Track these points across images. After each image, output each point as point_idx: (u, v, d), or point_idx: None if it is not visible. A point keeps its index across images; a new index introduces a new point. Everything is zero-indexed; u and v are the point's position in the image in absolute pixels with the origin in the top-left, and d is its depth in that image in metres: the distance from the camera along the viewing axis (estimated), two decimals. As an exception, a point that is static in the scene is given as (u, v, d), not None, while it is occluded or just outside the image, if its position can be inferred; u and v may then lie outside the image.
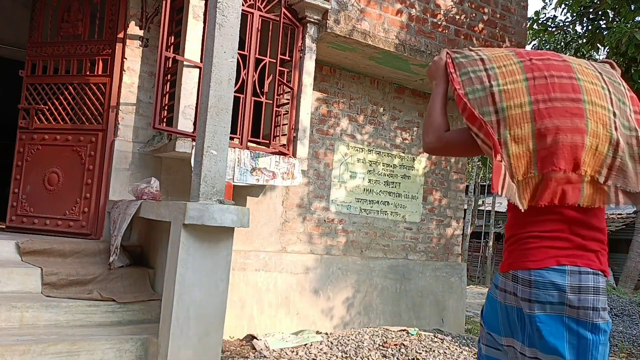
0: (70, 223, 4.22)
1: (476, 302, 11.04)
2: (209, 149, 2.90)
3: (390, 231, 5.58)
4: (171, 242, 2.94)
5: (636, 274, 14.18)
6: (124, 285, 3.53)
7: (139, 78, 4.32)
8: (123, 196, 4.13)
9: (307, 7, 4.34)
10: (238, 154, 4.01)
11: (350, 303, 5.21)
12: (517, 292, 1.59)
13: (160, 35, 3.89)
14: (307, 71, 4.44)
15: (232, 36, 2.96)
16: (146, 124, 4.31)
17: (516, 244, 1.61)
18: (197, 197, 2.88)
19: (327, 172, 5.20)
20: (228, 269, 2.98)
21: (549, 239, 1.55)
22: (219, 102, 2.93)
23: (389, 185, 5.61)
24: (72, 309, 3.18)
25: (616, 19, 5.89)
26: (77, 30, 4.41)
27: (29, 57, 4.49)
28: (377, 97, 5.53)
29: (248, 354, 3.58)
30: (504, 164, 1.46)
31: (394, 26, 4.79)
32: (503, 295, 1.66)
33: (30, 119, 4.39)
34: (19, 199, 4.35)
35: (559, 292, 1.52)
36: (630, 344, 6.82)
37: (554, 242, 1.54)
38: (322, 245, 5.16)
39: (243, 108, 4.08)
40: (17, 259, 3.52)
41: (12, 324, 2.98)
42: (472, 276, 17.44)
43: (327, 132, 5.21)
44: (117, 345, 2.94)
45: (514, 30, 5.61)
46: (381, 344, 3.84)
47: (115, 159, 4.19)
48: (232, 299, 4.42)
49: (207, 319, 2.90)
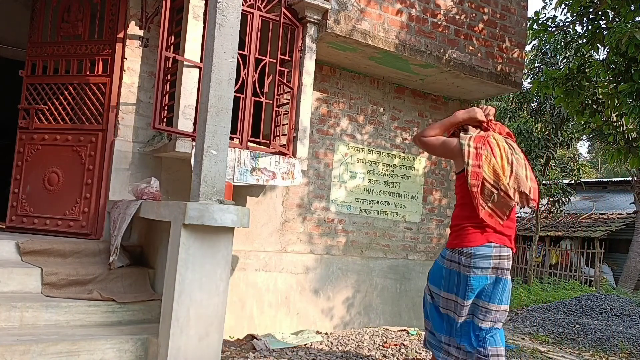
0: (70, 223, 4.22)
1: (476, 302, 11.04)
2: (209, 149, 2.90)
3: (390, 231, 5.58)
4: (171, 242, 2.94)
5: (636, 274, 14.18)
6: (124, 285, 3.53)
7: (139, 78, 4.32)
8: (123, 196, 4.13)
9: (307, 7, 4.34)
10: (238, 154, 4.01)
11: (350, 303, 5.21)
12: (460, 261, 2.78)
13: (160, 35, 3.88)
14: (307, 71, 4.44)
15: (232, 36, 2.96)
16: (146, 124, 4.31)
17: (461, 231, 2.83)
18: (197, 197, 2.88)
19: (327, 172, 5.21)
20: (228, 269, 2.98)
21: (481, 228, 2.79)
22: (219, 102, 2.93)
23: (389, 185, 5.61)
24: (72, 309, 3.18)
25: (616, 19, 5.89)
26: (77, 30, 4.41)
27: (29, 57, 4.49)
28: (377, 97, 5.53)
29: (248, 354, 3.58)
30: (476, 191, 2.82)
31: (394, 26, 4.79)
32: (449, 263, 2.84)
33: (30, 119, 4.39)
34: (19, 199, 4.35)
35: (488, 260, 2.74)
36: (630, 344, 6.82)
37: (484, 230, 2.78)
38: (322, 245, 5.16)
39: (243, 108, 4.07)
40: (17, 259, 3.52)
41: (12, 324, 2.97)
42: (472, 276, 17.42)
43: (327, 132, 5.21)
44: (117, 345, 2.94)
45: (514, 30, 5.61)
46: (381, 344, 3.84)
47: (115, 159, 4.19)
48: (232, 299, 4.42)
49: (207, 319, 2.90)
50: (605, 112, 6.44)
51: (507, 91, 5.82)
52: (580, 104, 6.37)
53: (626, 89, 5.44)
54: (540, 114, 13.99)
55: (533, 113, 14.29)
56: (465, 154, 2.83)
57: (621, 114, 6.10)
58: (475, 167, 2.79)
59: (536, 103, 14.24)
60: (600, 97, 6.33)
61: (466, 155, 2.83)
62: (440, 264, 2.95)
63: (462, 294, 2.80)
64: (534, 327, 8.05)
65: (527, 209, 15.70)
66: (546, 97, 12.93)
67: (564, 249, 15.97)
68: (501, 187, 2.77)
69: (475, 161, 2.81)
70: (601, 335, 7.21)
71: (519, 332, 7.74)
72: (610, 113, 6.41)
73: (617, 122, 6.64)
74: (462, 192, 2.89)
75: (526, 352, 4.61)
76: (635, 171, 14.07)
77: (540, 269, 16.03)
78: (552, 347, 6.73)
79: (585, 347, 6.82)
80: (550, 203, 15.38)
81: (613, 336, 7.11)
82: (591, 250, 15.18)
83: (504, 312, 2.86)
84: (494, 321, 2.83)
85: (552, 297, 10.41)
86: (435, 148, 3.13)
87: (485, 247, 2.76)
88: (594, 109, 6.44)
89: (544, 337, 7.27)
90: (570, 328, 7.70)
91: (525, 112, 15.17)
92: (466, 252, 2.77)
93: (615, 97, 5.78)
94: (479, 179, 2.77)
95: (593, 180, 22.00)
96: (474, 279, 2.77)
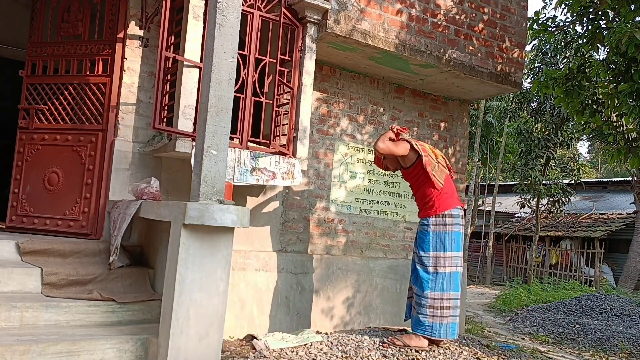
0: (70, 223, 4.22)
1: (476, 302, 11.05)
2: (209, 149, 2.90)
3: (390, 231, 5.58)
4: (171, 242, 2.94)
5: (636, 274, 14.17)
6: (124, 285, 3.53)
7: (139, 78, 4.32)
8: (123, 196, 4.13)
9: (307, 7, 4.34)
10: (238, 154, 4.01)
11: (350, 303, 5.21)
12: (453, 222, 3.88)
13: (160, 35, 3.88)
14: (307, 71, 4.44)
15: (232, 36, 2.97)
16: (146, 124, 4.31)
17: (441, 200, 3.88)
18: (197, 197, 2.88)
19: (327, 172, 5.21)
20: (228, 269, 2.98)
21: (451, 196, 3.96)
22: (219, 102, 2.93)
23: (389, 185, 5.61)
24: (72, 309, 3.18)
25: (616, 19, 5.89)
26: (77, 30, 4.41)
27: (29, 57, 4.49)
28: (377, 97, 5.53)
29: (248, 354, 3.58)
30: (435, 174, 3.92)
31: (394, 26, 4.79)
32: (443, 228, 3.86)
33: (30, 119, 4.39)
34: (19, 199, 4.35)
35: (460, 218, 3.92)
36: (630, 344, 6.82)
37: (447, 197, 3.91)
38: (322, 245, 5.16)
39: (243, 108, 4.07)
40: (17, 259, 3.52)
41: (12, 324, 2.98)
42: (472, 276, 17.44)
43: (327, 132, 5.21)
44: (117, 345, 2.95)
45: (514, 30, 5.61)
46: (381, 344, 3.84)
47: (115, 159, 4.19)
48: (232, 299, 4.42)
49: (207, 319, 2.90)
50: (605, 112, 6.44)
51: (507, 91, 5.82)
52: (580, 104, 6.37)
53: (626, 89, 5.44)
54: (540, 114, 14.00)
55: (533, 113, 14.30)
56: (419, 150, 3.94)
57: (621, 114, 6.10)
58: (426, 155, 3.92)
59: (536, 103, 14.25)
60: (600, 97, 6.34)
61: (420, 150, 3.94)
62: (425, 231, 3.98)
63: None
64: (534, 327, 8.05)
65: (527, 209, 15.71)
66: (546, 97, 12.93)
67: (564, 249, 15.97)
68: (440, 163, 3.98)
69: (424, 152, 3.93)
70: (601, 335, 7.21)
71: (519, 332, 7.74)
72: (610, 113, 6.41)
73: (617, 122, 6.64)
74: (425, 175, 3.90)
75: (526, 352, 4.61)
76: (635, 171, 14.07)
77: (540, 269, 16.04)
78: (552, 347, 6.73)
79: (585, 347, 6.82)
80: (550, 203, 15.38)
81: (613, 336, 7.11)
82: (591, 250, 15.18)
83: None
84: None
85: (552, 297, 10.41)
86: (397, 151, 3.98)
87: (458, 208, 3.96)
88: (594, 109, 6.44)
89: (544, 337, 7.27)
90: (570, 328, 7.70)
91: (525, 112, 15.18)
92: (448, 214, 3.90)
93: (615, 97, 5.78)
94: (431, 161, 3.92)
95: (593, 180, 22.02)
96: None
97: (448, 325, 3.82)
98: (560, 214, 16.15)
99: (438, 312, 3.80)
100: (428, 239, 3.88)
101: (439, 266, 3.83)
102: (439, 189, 3.89)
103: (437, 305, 3.80)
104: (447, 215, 3.86)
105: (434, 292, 3.81)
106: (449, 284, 3.84)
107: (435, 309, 3.80)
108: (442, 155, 4.11)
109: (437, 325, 3.80)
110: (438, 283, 3.82)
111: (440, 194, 3.89)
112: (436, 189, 3.89)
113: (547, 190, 14.32)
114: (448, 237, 3.85)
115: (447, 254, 3.84)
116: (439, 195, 3.89)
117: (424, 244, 3.90)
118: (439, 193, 3.89)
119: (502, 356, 4.06)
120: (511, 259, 17.54)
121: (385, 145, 3.95)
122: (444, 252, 3.85)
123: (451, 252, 3.85)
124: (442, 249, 3.84)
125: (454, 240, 3.87)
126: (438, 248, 3.84)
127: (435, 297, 3.80)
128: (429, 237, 3.88)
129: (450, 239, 3.85)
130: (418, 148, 3.93)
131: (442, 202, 3.88)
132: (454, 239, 3.86)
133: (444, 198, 3.89)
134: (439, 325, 3.80)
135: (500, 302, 10.37)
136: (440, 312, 3.81)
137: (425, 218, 3.94)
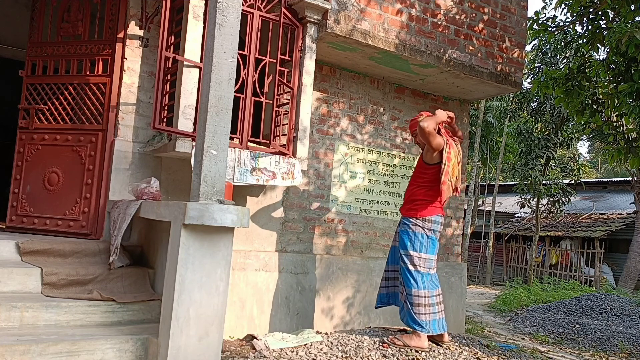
0: (70, 223, 4.22)
1: (476, 302, 11.05)
2: (209, 149, 2.90)
3: (390, 231, 5.58)
4: (171, 242, 2.94)
5: (636, 274, 14.17)
6: (124, 285, 3.53)
7: (139, 78, 4.32)
8: (123, 196, 4.13)
9: (307, 7, 4.34)
10: (238, 154, 4.01)
11: (350, 303, 5.21)
12: (432, 227, 3.98)
13: (160, 35, 3.88)
14: (307, 71, 4.44)
15: (232, 36, 2.97)
16: (146, 124, 4.30)
17: (429, 207, 3.96)
18: (197, 197, 2.88)
19: (327, 172, 5.21)
20: (228, 269, 2.98)
21: (437, 204, 3.98)
22: (219, 102, 2.93)
23: (389, 185, 5.61)
24: (72, 309, 3.18)
25: (616, 19, 5.88)
26: (77, 30, 4.41)
27: (29, 57, 4.49)
28: (377, 97, 5.53)
29: (248, 354, 3.58)
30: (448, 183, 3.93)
31: (394, 26, 4.79)
32: (422, 230, 3.96)
33: (30, 119, 4.39)
34: (19, 199, 4.35)
35: (439, 225, 4.03)
36: (630, 344, 6.82)
37: (436, 205, 3.98)
38: (322, 245, 5.16)
39: (243, 108, 4.07)
40: (17, 259, 3.52)
41: (12, 324, 2.98)
42: (472, 276, 17.44)
43: (327, 132, 5.21)
44: (117, 345, 2.94)
45: (514, 30, 5.61)
46: (381, 344, 3.84)
47: (115, 159, 4.19)
48: (232, 299, 4.42)
49: (207, 319, 2.90)
50: (605, 112, 6.45)
51: (507, 91, 5.82)
52: (580, 104, 6.37)
53: (626, 89, 5.44)
54: (540, 114, 14.00)
55: (533, 113, 14.30)
56: (445, 158, 3.88)
57: (621, 114, 6.10)
58: (448, 167, 3.87)
59: (536, 103, 14.25)
60: (600, 97, 6.33)
61: (445, 158, 3.88)
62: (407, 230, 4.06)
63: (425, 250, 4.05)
64: (534, 327, 8.05)
65: (527, 209, 15.71)
66: (546, 97, 12.93)
67: (564, 249, 15.97)
68: (452, 181, 3.93)
69: (448, 162, 3.88)
70: (601, 335, 7.21)
71: (519, 332, 7.74)
72: (610, 113, 6.41)
73: (617, 122, 6.64)
74: (433, 180, 3.94)
75: (526, 352, 4.61)
76: (635, 171, 14.07)
77: (540, 269, 16.04)
78: (552, 347, 6.73)
79: (585, 347, 6.82)
80: (550, 203, 15.38)
81: (613, 336, 7.11)
82: (591, 250, 15.19)
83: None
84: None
85: (552, 297, 10.41)
86: (432, 141, 3.87)
87: (439, 216, 4.04)
88: (594, 109, 6.44)
89: (544, 337, 7.27)
90: (570, 328, 7.70)
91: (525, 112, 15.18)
92: (428, 219, 3.99)
93: (615, 97, 5.78)
94: (448, 175, 3.88)
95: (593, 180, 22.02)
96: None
97: (440, 321, 3.97)
98: (560, 214, 16.14)
99: (429, 309, 3.92)
100: (414, 238, 4.00)
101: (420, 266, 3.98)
102: (436, 200, 3.99)
103: (429, 303, 3.94)
104: (428, 220, 3.97)
105: (425, 290, 3.93)
106: (432, 282, 3.98)
107: (427, 306, 3.93)
108: (459, 173, 4.09)
109: (435, 321, 3.92)
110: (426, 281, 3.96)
111: (433, 202, 3.99)
112: (433, 199, 3.99)
113: (547, 190, 14.31)
114: (425, 239, 3.98)
115: (422, 255, 3.95)
116: (431, 203, 3.99)
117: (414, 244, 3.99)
118: (432, 202, 3.98)
119: (502, 356, 4.06)
120: (511, 259, 17.55)
121: (429, 129, 3.83)
122: (419, 253, 3.96)
123: (426, 254, 3.96)
124: (420, 249, 3.97)
125: (430, 243, 3.99)
126: (417, 248, 3.98)
127: (426, 295, 3.94)
128: (414, 236, 4.00)
129: (427, 242, 3.98)
130: (444, 157, 3.89)
131: (430, 210, 3.98)
132: (430, 242, 3.99)
133: (433, 206, 3.99)
134: (434, 322, 3.92)
135: (500, 302, 10.37)
136: (432, 309, 3.94)
137: (407, 218, 4.03)
